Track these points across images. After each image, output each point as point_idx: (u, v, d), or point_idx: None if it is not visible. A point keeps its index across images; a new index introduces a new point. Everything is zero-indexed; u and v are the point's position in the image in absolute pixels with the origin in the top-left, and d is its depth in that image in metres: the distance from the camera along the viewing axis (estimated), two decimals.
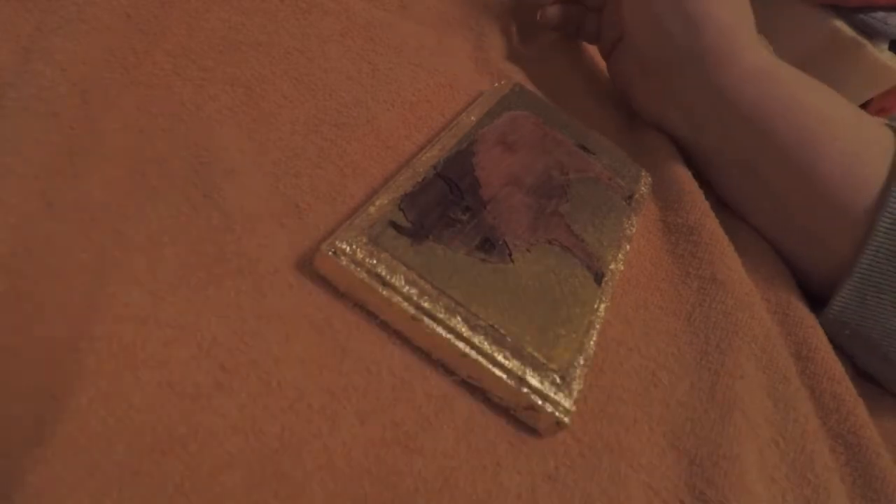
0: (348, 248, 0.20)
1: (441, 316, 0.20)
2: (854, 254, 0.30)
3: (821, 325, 0.30)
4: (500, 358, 0.20)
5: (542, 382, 0.20)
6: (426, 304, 0.20)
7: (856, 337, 0.30)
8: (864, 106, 0.64)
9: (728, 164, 0.34)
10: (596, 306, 0.24)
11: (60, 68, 0.20)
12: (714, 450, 0.22)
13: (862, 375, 0.32)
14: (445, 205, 0.23)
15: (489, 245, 0.23)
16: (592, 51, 0.43)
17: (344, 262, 0.20)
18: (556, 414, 0.20)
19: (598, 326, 0.23)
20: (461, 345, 0.20)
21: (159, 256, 0.19)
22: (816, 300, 0.32)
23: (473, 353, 0.20)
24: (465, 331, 0.20)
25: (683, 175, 0.33)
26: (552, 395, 0.20)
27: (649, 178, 0.32)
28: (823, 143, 0.30)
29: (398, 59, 0.29)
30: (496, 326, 0.20)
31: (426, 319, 0.19)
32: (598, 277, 0.25)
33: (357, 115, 0.26)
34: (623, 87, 0.39)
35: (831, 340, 0.30)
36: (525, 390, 0.20)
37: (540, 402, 0.20)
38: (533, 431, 0.20)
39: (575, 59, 0.41)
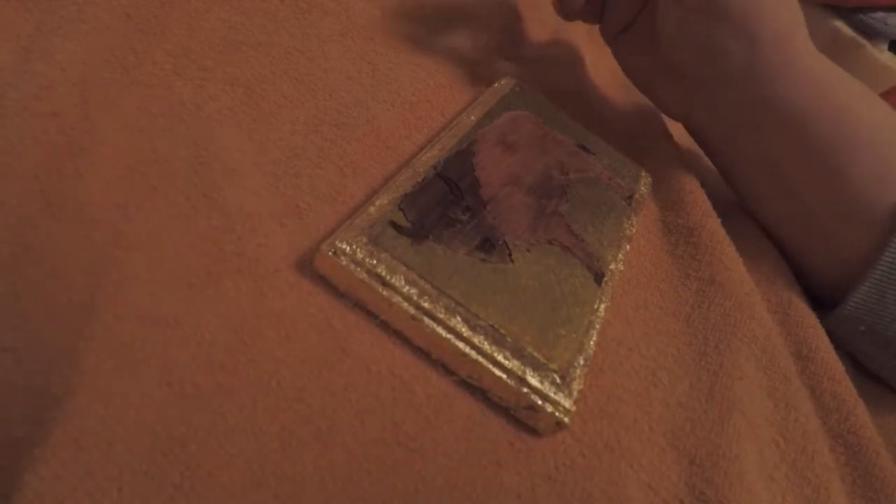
0: (348, 248, 0.20)
1: (441, 316, 0.20)
2: (875, 251, 0.30)
3: (834, 322, 0.30)
4: (500, 358, 0.20)
5: (542, 382, 0.20)
6: (426, 304, 0.20)
7: (870, 334, 0.30)
8: None
9: (753, 164, 0.33)
10: (596, 306, 0.24)
11: (60, 68, 0.20)
12: (714, 450, 0.22)
13: (863, 375, 0.32)
14: (445, 205, 0.23)
15: (489, 245, 0.23)
16: (593, 50, 0.43)
17: (344, 262, 0.20)
18: (556, 414, 0.20)
19: (598, 326, 0.23)
20: (461, 345, 0.20)
21: (159, 256, 0.19)
22: (818, 301, 0.32)
23: (473, 353, 0.20)
24: (465, 331, 0.20)
25: (684, 175, 0.33)
26: (552, 395, 0.20)
27: (649, 179, 0.32)
28: (860, 146, 0.30)
29: (398, 59, 0.29)
30: (496, 326, 0.20)
31: (426, 319, 0.19)
32: (598, 277, 0.25)
33: (357, 115, 0.26)
34: (639, 82, 0.37)
35: (841, 339, 0.30)
36: (525, 390, 0.20)
37: (540, 402, 0.20)
38: (533, 431, 0.20)
39: (575, 59, 0.41)
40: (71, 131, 0.19)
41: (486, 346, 0.20)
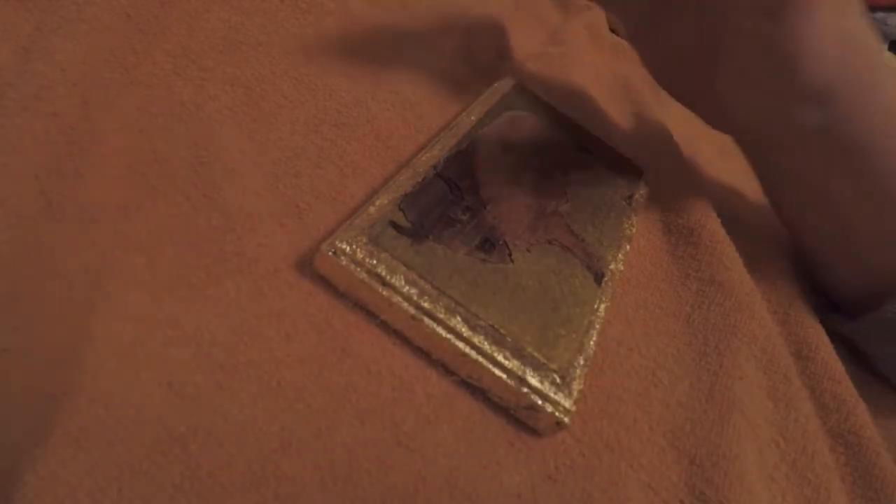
0: (348, 248, 0.20)
1: (441, 316, 0.20)
2: None
3: (867, 324, 0.30)
4: (500, 358, 0.20)
5: (542, 382, 0.20)
6: (426, 304, 0.20)
7: None
8: None
9: (798, 182, 0.31)
10: (596, 306, 0.24)
11: (60, 68, 0.20)
12: (714, 450, 0.22)
13: (863, 374, 0.32)
14: (445, 205, 0.23)
15: (489, 245, 0.23)
16: (593, 50, 0.43)
17: (344, 262, 0.20)
18: (556, 414, 0.20)
19: (598, 326, 0.23)
20: (461, 345, 0.20)
21: (159, 256, 0.19)
22: (824, 299, 0.32)
23: (473, 353, 0.20)
24: (465, 331, 0.20)
25: (685, 175, 0.33)
26: (552, 395, 0.20)
27: (649, 178, 0.32)
28: None
29: (398, 59, 0.29)
30: (496, 326, 0.20)
31: (426, 319, 0.19)
32: (598, 277, 0.25)
33: (357, 115, 0.26)
34: (674, 91, 0.33)
35: (863, 342, 0.30)
36: (525, 390, 0.20)
37: (540, 402, 0.20)
38: (533, 431, 0.20)
39: (575, 59, 0.41)
40: (71, 131, 0.19)
41: (486, 346, 0.20)
